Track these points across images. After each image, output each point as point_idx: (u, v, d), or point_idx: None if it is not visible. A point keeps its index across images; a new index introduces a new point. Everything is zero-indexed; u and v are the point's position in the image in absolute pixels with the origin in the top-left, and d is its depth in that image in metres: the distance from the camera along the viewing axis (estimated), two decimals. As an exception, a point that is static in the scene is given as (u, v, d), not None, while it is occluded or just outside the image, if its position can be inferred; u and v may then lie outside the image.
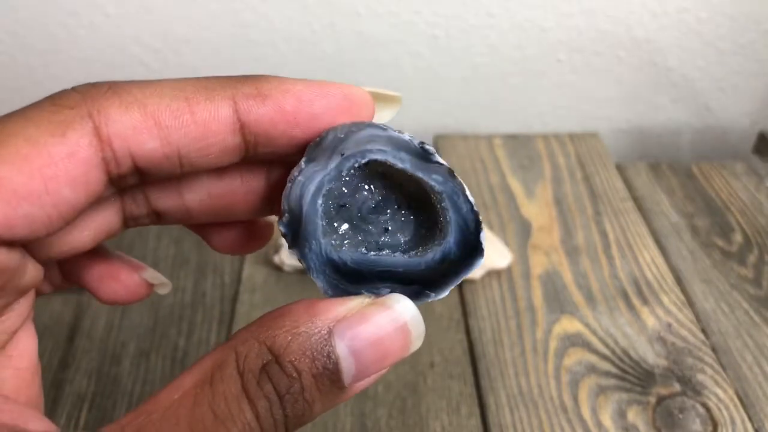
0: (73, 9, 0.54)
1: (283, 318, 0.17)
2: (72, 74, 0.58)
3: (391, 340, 0.17)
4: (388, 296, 0.18)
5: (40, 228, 0.16)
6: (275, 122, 0.18)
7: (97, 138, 0.16)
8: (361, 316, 0.17)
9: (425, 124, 0.64)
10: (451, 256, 0.19)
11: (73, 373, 0.39)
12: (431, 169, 0.19)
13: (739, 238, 0.49)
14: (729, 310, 0.43)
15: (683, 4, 0.57)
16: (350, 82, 0.20)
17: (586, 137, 0.59)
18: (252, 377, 0.16)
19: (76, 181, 0.16)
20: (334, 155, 0.18)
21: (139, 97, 0.17)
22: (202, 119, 0.17)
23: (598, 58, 0.60)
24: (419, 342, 0.18)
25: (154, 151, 0.17)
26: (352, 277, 0.19)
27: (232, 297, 0.44)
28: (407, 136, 0.19)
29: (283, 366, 0.16)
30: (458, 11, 0.56)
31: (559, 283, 0.45)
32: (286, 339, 0.16)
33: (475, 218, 0.19)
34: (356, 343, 0.17)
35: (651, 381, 0.38)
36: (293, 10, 0.55)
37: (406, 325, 0.18)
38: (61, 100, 0.17)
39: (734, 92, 0.64)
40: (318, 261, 0.19)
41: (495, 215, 0.50)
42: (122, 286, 0.22)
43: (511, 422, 0.36)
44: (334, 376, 0.17)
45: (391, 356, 0.18)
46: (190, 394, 0.16)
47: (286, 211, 0.18)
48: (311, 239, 0.18)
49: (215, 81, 0.18)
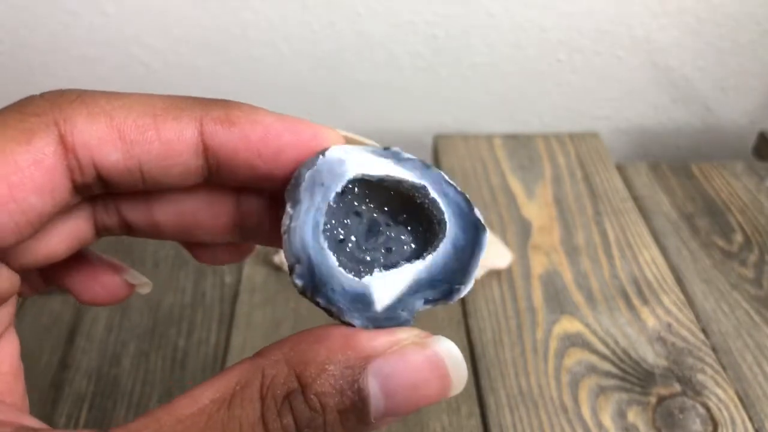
0: (73, 9, 0.54)
1: (318, 345, 0.16)
2: (72, 74, 0.58)
3: (428, 384, 0.17)
4: (433, 338, 0.17)
5: (8, 236, 0.16)
6: (238, 150, 0.18)
7: (62, 146, 0.17)
8: (400, 356, 0.17)
9: (425, 124, 0.64)
10: (461, 242, 0.19)
11: (73, 373, 0.39)
12: (405, 166, 0.19)
13: (739, 238, 0.49)
14: (729, 310, 0.43)
15: (683, 4, 0.57)
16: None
17: (586, 137, 0.59)
18: (273, 405, 0.16)
19: (42, 188, 0.16)
20: (315, 189, 0.18)
21: (106, 109, 0.17)
22: (167, 138, 0.17)
23: (598, 58, 0.60)
24: (460, 387, 0.17)
25: (116, 163, 0.17)
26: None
27: (232, 297, 0.44)
28: (370, 147, 0.19)
29: (308, 398, 0.16)
30: (458, 11, 0.56)
31: (559, 283, 0.45)
32: (317, 370, 0.16)
33: (464, 198, 0.19)
34: (391, 383, 0.16)
35: (651, 381, 0.38)
36: (293, 9, 0.55)
37: (447, 369, 0.17)
38: (27, 107, 0.17)
39: (734, 92, 0.64)
40: (345, 300, 0.18)
41: (495, 215, 0.50)
42: (103, 287, 0.22)
43: (511, 422, 0.36)
44: (361, 414, 0.16)
45: (426, 399, 0.17)
46: (206, 412, 0.16)
47: (295, 262, 0.18)
48: (331, 281, 0.18)
49: (185, 101, 0.18)
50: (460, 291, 0.19)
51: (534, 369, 0.39)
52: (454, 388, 0.17)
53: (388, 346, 0.17)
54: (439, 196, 0.19)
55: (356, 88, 0.60)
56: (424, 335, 0.18)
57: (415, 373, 0.16)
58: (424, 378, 0.17)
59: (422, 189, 0.19)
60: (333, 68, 0.59)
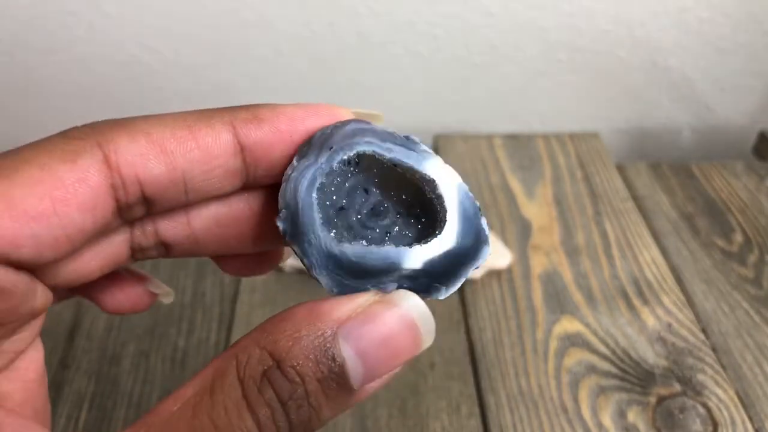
0: (72, 9, 0.54)
1: (284, 322, 0.17)
2: (72, 74, 0.58)
3: (399, 338, 0.17)
4: (395, 293, 0.18)
5: (47, 250, 0.17)
6: (272, 142, 0.19)
7: (106, 165, 0.17)
8: (366, 316, 0.17)
9: (425, 124, 0.64)
10: (456, 246, 0.18)
11: (73, 373, 0.39)
12: (420, 157, 0.19)
13: (739, 238, 0.49)
14: (729, 310, 0.43)
15: (683, 4, 0.57)
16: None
17: (586, 137, 0.59)
18: (252, 384, 0.16)
19: (85, 205, 0.17)
20: (323, 150, 0.19)
21: (144, 128, 0.18)
22: (205, 144, 0.18)
23: (598, 58, 0.60)
24: (430, 339, 0.18)
25: (160, 177, 0.18)
26: (355, 273, 0.18)
27: (232, 297, 0.44)
28: (391, 129, 0.19)
29: (284, 371, 0.16)
30: (458, 11, 0.56)
31: (560, 283, 0.44)
32: (287, 343, 0.16)
33: (472, 203, 0.19)
34: (362, 343, 0.16)
35: (651, 381, 0.38)
36: (293, 10, 0.55)
37: (414, 321, 0.17)
38: (71, 132, 0.18)
39: (734, 92, 0.64)
40: (319, 256, 0.18)
41: (495, 215, 0.50)
42: (126, 297, 0.23)
43: (511, 422, 0.36)
44: (340, 379, 0.16)
45: (402, 355, 0.17)
46: (190, 404, 0.16)
47: (283, 207, 0.18)
48: (309, 233, 0.18)
49: (213, 111, 0.19)
50: (439, 291, 0.18)
51: (534, 369, 0.39)
52: (425, 339, 0.18)
53: (352, 309, 0.17)
54: (447, 195, 0.19)
55: (356, 88, 0.60)
56: (384, 294, 0.18)
57: (384, 327, 0.17)
58: (393, 333, 0.17)
59: (431, 183, 0.19)
60: (333, 68, 0.59)
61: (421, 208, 0.20)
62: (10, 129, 0.61)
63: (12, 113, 0.60)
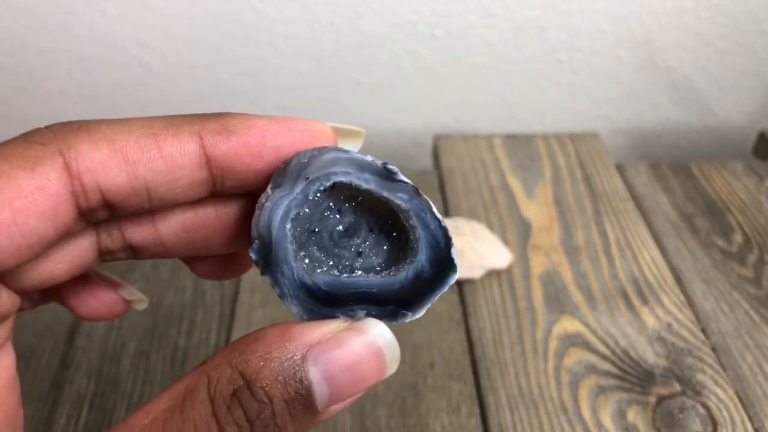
0: (72, 9, 0.54)
1: (256, 342, 0.17)
2: (72, 74, 0.58)
3: (365, 364, 0.18)
4: (364, 321, 0.18)
5: (8, 258, 0.17)
6: (240, 156, 0.19)
7: (66, 172, 0.17)
8: (335, 342, 0.17)
9: (425, 124, 0.64)
10: (424, 274, 0.19)
11: (73, 373, 0.39)
12: (396, 188, 0.19)
13: (739, 238, 0.49)
14: (729, 310, 0.43)
15: (683, 4, 0.57)
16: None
17: (586, 137, 0.59)
18: (222, 403, 0.16)
19: (45, 213, 0.17)
20: (299, 180, 0.19)
21: (108, 134, 0.18)
22: (169, 154, 0.18)
23: (598, 58, 0.60)
24: (395, 366, 0.18)
25: (122, 185, 0.18)
26: (326, 301, 0.19)
27: (232, 297, 0.44)
28: (369, 158, 0.19)
29: (254, 392, 0.16)
30: (458, 11, 0.56)
31: (559, 283, 0.45)
32: (258, 364, 0.17)
33: (444, 234, 0.19)
34: (330, 368, 0.17)
35: (651, 381, 0.38)
36: (293, 10, 0.55)
37: (381, 349, 0.18)
38: (33, 137, 0.17)
39: (734, 92, 0.64)
40: (291, 286, 0.19)
41: (495, 215, 0.50)
42: (100, 303, 0.23)
43: (511, 422, 0.36)
44: (306, 402, 0.17)
45: (366, 381, 0.18)
46: (160, 419, 0.16)
47: (256, 237, 0.18)
48: (282, 264, 0.18)
49: (182, 118, 0.19)
50: (405, 316, 0.19)
51: (534, 369, 0.39)
52: (390, 366, 0.18)
53: (322, 335, 0.18)
54: (420, 225, 0.19)
55: (356, 88, 0.60)
56: (353, 321, 0.18)
57: (352, 353, 0.17)
58: (360, 359, 0.18)
59: (405, 213, 0.19)
60: (333, 68, 0.59)
61: (393, 224, 0.20)
62: (10, 129, 0.61)
63: (12, 113, 0.60)
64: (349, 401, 0.18)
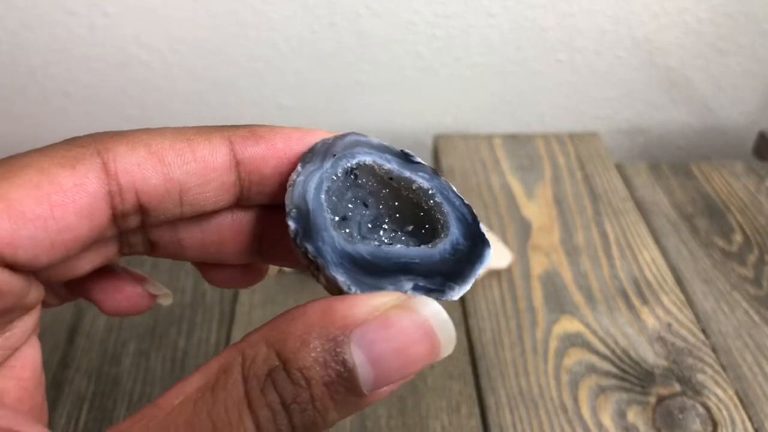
0: (73, 9, 0.54)
1: (296, 321, 0.16)
2: (72, 74, 0.58)
3: (416, 346, 0.16)
4: (414, 299, 0.17)
5: (42, 254, 0.17)
6: (267, 158, 0.20)
7: (104, 172, 0.18)
8: (383, 321, 0.16)
9: (425, 124, 0.64)
10: (461, 247, 0.19)
11: (73, 373, 0.39)
12: (416, 168, 0.20)
13: (739, 238, 0.49)
14: (729, 310, 0.43)
15: (683, 4, 0.57)
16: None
17: (586, 137, 0.59)
18: (256, 384, 0.15)
19: (82, 210, 0.17)
20: (327, 157, 0.20)
21: (144, 138, 0.19)
22: (202, 156, 0.19)
23: (598, 58, 0.60)
24: (450, 347, 0.17)
25: (157, 186, 0.18)
26: (371, 271, 0.18)
27: (232, 297, 0.44)
28: (386, 143, 0.20)
29: (290, 373, 0.15)
30: (458, 11, 0.56)
31: (559, 283, 0.45)
32: (296, 344, 0.16)
33: (470, 210, 0.20)
34: (376, 350, 0.16)
35: (651, 381, 0.38)
36: (293, 10, 0.55)
37: (433, 330, 0.16)
38: (73, 141, 0.18)
39: (734, 92, 0.64)
40: (334, 254, 0.18)
41: (495, 215, 0.50)
42: (126, 298, 0.23)
43: (511, 422, 0.36)
44: (349, 384, 0.16)
45: (417, 363, 0.16)
46: (191, 399, 0.16)
47: (293, 207, 0.18)
48: (322, 231, 0.18)
49: (213, 127, 0.20)
50: (453, 290, 0.18)
51: (534, 369, 0.39)
52: (444, 349, 0.17)
53: (369, 312, 0.16)
54: (445, 201, 0.20)
55: (356, 88, 0.60)
56: (405, 297, 0.17)
57: (401, 336, 0.16)
58: (410, 341, 0.16)
59: (429, 191, 0.20)
60: (333, 68, 0.59)
61: (415, 226, 0.20)
62: (11, 129, 0.61)
63: (12, 113, 0.60)
64: (399, 383, 0.17)
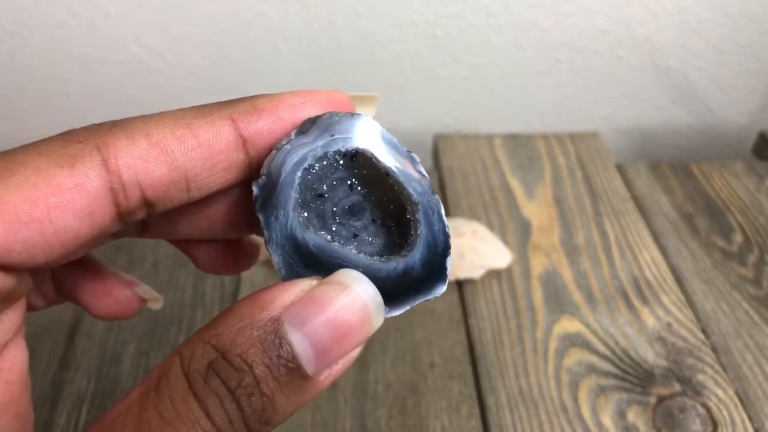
0: (72, 9, 0.54)
1: (227, 315, 0.16)
2: (72, 74, 0.58)
3: (346, 317, 0.17)
4: (336, 273, 0.17)
5: (39, 255, 0.16)
6: (274, 131, 0.19)
7: (105, 170, 0.17)
8: (310, 299, 0.17)
9: (425, 124, 0.64)
10: (414, 273, 0.18)
11: (73, 373, 0.39)
12: (412, 177, 0.19)
13: (739, 238, 0.49)
14: (729, 310, 0.43)
15: (683, 4, 0.57)
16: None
17: (586, 137, 0.59)
18: (198, 376, 0.16)
19: (82, 211, 0.17)
20: (324, 134, 0.19)
21: (143, 129, 0.18)
22: (206, 140, 0.18)
23: (598, 58, 0.60)
24: (380, 316, 0.17)
25: (162, 178, 0.18)
26: (309, 263, 0.18)
27: (232, 297, 0.44)
28: (396, 140, 0.19)
29: (230, 360, 0.16)
30: (458, 11, 0.56)
31: (559, 283, 0.45)
32: (231, 334, 0.16)
33: (445, 239, 0.19)
34: (309, 326, 0.16)
35: (651, 381, 0.38)
36: (293, 9, 0.55)
37: (360, 298, 0.17)
38: (70, 135, 0.17)
39: (734, 92, 0.64)
40: (281, 234, 0.18)
41: (495, 215, 0.50)
42: (115, 302, 0.23)
43: (511, 422, 0.36)
44: (291, 364, 0.16)
45: (353, 335, 0.17)
46: (135, 404, 0.16)
47: (264, 174, 0.18)
48: (280, 209, 0.18)
49: (211, 106, 0.19)
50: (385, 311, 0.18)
51: (534, 369, 0.39)
52: (375, 316, 0.17)
53: (296, 295, 0.17)
54: (424, 222, 0.19)
55: (356, 88, 0.60)
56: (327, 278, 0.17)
57: (329, 308, 0.16)
58: (340, 311, 0.16)
59: (415, 206, 0.19)
60: (333, 68, 0.59)
61: (396, 222, 0.19)
62: (10, 129, 0.61)
63: (12, 113, 0.60)
64: (343, 364, 0.17)
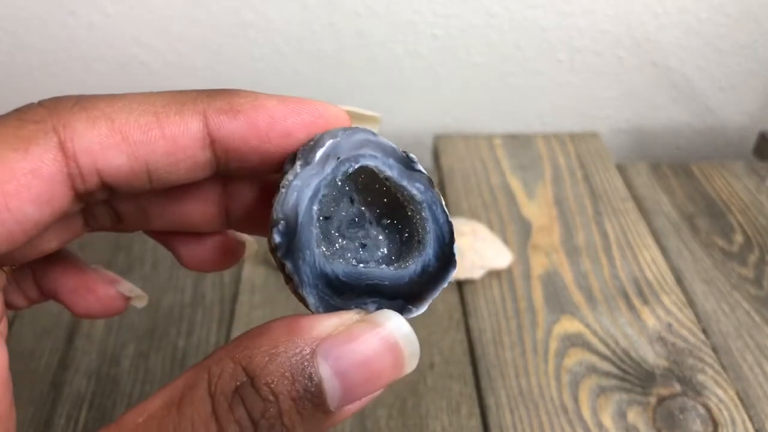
0: (72, 9, 0.54)
1: (261, 337, 0.16)
2: (72, 74, 0.58)
3: (381, 360, 0.16)
4: (378, 313, 0.17)
5: (1, 245, 0.16)
6: (247, 138, 0.18)
7: (61, 153, 0.16)
8: (348, 335, 0.16)
9: (425, 124, 0.64)
10: (430, 268, 0.19)
11: (73, 373, 0.39)
12: (414, 177, 0.19)
13: (739, 238, 0.49)
14: (730, 311, 0.43)
15: (683, 4, 0.57)
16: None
17: (586, 137, 0.59)
18: (224, 400, 0.15)
19: (40, 198, 0.16)
20: (330, 159, 0.18)
21: (106, 112, 0.16)
22: (171, 134, 0.17)
23: (598, 58, 0.60)
24: (414, 362, 0.17)
25: (121, 167, 0.17)
26: (341, 292, 0.18)
27: (232, 297, 0.44)
28: (393, 144, 0.19)
29: (258, 388, 0.15)
30: (458, 11, 0.56)
31: (560, 283, 0.44)
32: (263, 359, 0.15)
33: (450, 230, 0.19)
34: (342, 363, 0.16)
35: (651, 381, 0.38)
36: (293, 10, 0.55)
37: (397, 343, 0.17)
38: (26, 114, 0.16)
39: (734, 92, 0.64)
40: (311, 274, 0.17)
41: (495, 215, 0.50)
42: (97, 299, 0.22)
43: (512, 423, 0.36)
44: (317, 400, 0.15)
45: (383, 378, 0.16)
46: (155, 417, 0.15)
47: (282, 218, 0.17)
48: (305, 249, 0.17)
49: (186, 95, 0.18)
50: (411, 312, 0.18)
51: (534, 369, 0.39)
52: (408, 362, 0.17)
53: (334, 327, 0.16)
54: (431, 218, 0.19)
55: (356, 88, 0.60)
56: (366, 313, 0.17)
57: (365, 350, 0.16)
58: (375, 354, 0.16)
59: (419, 205, 0.19)
60: (333, 68, 0.59)
61: (394, 218, 0.20)
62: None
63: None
64: (364, 401, 0.16)
